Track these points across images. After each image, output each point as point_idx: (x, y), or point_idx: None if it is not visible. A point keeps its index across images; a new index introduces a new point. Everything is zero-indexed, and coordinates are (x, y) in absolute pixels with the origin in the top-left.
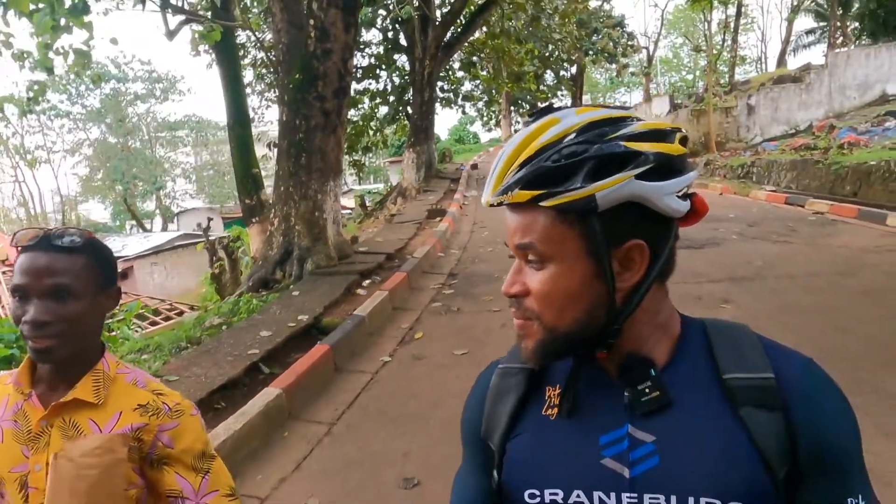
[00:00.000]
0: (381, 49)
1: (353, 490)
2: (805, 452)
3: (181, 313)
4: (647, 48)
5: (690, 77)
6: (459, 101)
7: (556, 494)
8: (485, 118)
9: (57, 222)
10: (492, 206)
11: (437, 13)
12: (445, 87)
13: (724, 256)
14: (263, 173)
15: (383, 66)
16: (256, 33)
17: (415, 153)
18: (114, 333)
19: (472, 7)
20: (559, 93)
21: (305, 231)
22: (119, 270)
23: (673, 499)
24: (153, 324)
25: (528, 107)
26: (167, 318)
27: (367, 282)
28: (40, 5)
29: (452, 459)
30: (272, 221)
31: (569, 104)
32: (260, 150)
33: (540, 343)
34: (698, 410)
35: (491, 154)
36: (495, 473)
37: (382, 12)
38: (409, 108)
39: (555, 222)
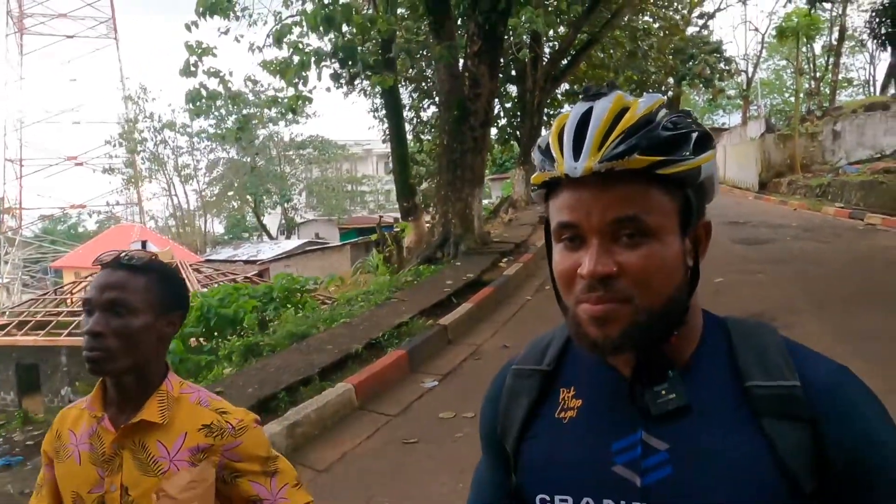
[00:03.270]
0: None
1: None
2: (840, 471)
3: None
4: (745, 71)
5: (793, 99)
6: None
7: (565, 501)
8: None
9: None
10: (594, 172)
11: (546, 49)
12: (550, 112)
13: (773, 250)
14: (388, 185)
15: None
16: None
17: (524, 170)
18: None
19: (577, 45)
20: None
21: (459, 223)
22: (258, 271)
23: None
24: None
25: None
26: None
27: (505, 260)
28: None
29: None
30: (434, 216)
31: None
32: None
33: (630, 327)
34: (717, 418)
35: None
36: (513, 475)
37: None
38: (517, 132)
39: (662, 193)
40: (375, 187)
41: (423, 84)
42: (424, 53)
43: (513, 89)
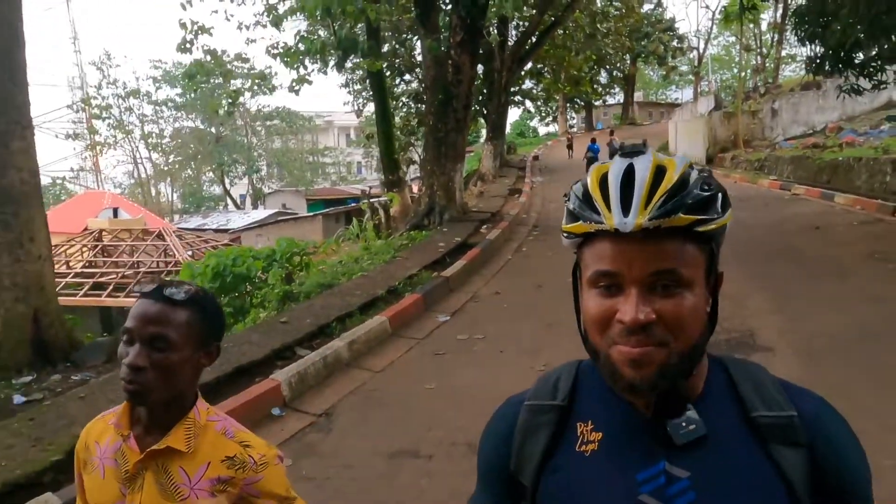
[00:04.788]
0: None
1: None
2: (829, 486)
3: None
4: (697, 48)
5: (742, 75)
6: (522, 100)
7: None
8: (542, 114)
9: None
10: (643, 228)
11: (512, 32)
12: (515, 90)
13: None
14: (349, 157)
15: None
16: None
17: (492, 146)
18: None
19: (541, 28)
20: (612, 90)
21: (443, 195)
22: (229, 239)
23: None
24: None
25: (582, 104)
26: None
27: (485, 226)
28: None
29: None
30: (421, 188)
31: (621, 101)
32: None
33: (665, 368)
34: (730, 446)
35: (550, 147)
36: None
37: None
38: (485, 110)
39: (695, 247)
40: (338, 159)
41: (395, 62)
42: (404, 38)
43: (479, 69)
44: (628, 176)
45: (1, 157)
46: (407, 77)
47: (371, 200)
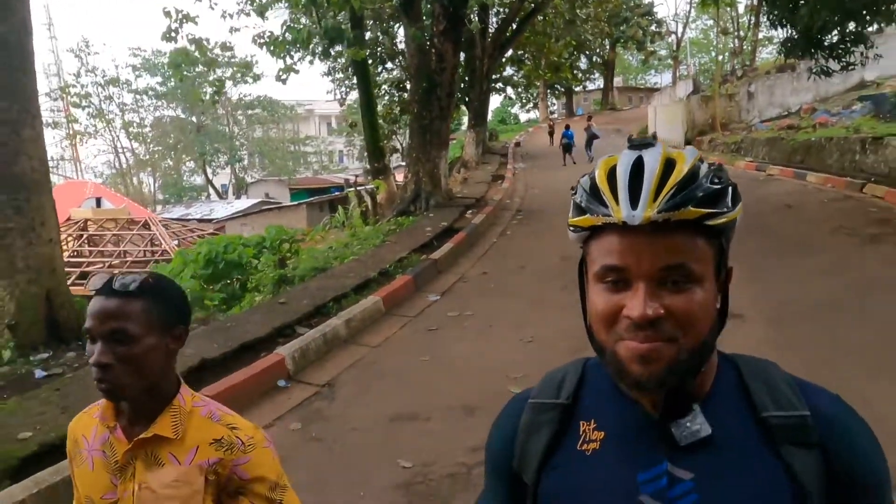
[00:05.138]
0: None
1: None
2: (844, 486)
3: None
4: (675, 32)
5: (720, 58)
6: (504, 87)
7: None
8: (523, 101)
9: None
10: (652, 221)
11: (493, 20)
12: (496, 77)
13: None
14: (331, 146)
15: None
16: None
17: (475, 133)
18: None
19: (521, 14)
20: (592, 76)
21: (429, 181)
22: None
23: None
24: None
25: (562, 90)
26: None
27: (470, 212)
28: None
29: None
30: (407, 176)
31: (601, 86)
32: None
33: (674, 364)
34: (737, 447)
35: (531, 134)
36: None
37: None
38: (467, 97)
39: (705, 242)
40: (319, 148)
41: (377, 50)
42: (387, 27)
43: (462, 56)
44: (637, 168)
45: (14, 144)
46: (389, 65)
47: (357, 188)
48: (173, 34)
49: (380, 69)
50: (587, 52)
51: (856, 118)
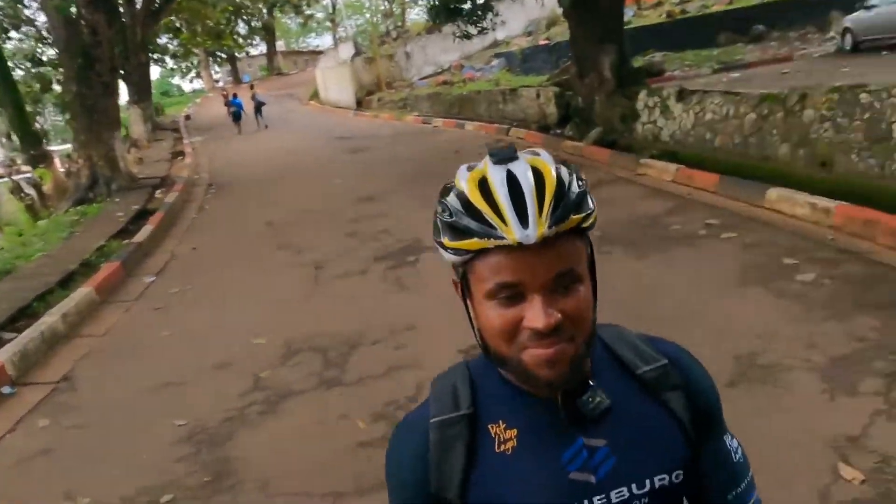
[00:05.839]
0: None
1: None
2: (703, 414)
3: None
4: None
5: (374, 20)
6: (161, 57)
7: None
8: (184, 71)
9: None
10: (547, 238)
11: None
12: (152, 47)
13: (373, 154)
14: None
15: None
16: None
17: (140, 108)
18: None
19: None
20: (253, 42)
21: (106, 165)
22: None
23: (633, 486)
24: None
25: (225, 57)
26: None
27: (159, 192)
28: None
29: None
30: (76, 161)
31: (264, 51)
32: None
33: (576, 359)
34: (631, 406)
35: (200, 105)
36: None
37: None
38: (123, 70)
39: (581, 242)
40: None
41: None
42: None
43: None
44: (511, 184)
45: None
46: (15, 34)
47: (13, 179)
48: None
49: (3, 39)
50: (245, 17)
51: (495, 72)
